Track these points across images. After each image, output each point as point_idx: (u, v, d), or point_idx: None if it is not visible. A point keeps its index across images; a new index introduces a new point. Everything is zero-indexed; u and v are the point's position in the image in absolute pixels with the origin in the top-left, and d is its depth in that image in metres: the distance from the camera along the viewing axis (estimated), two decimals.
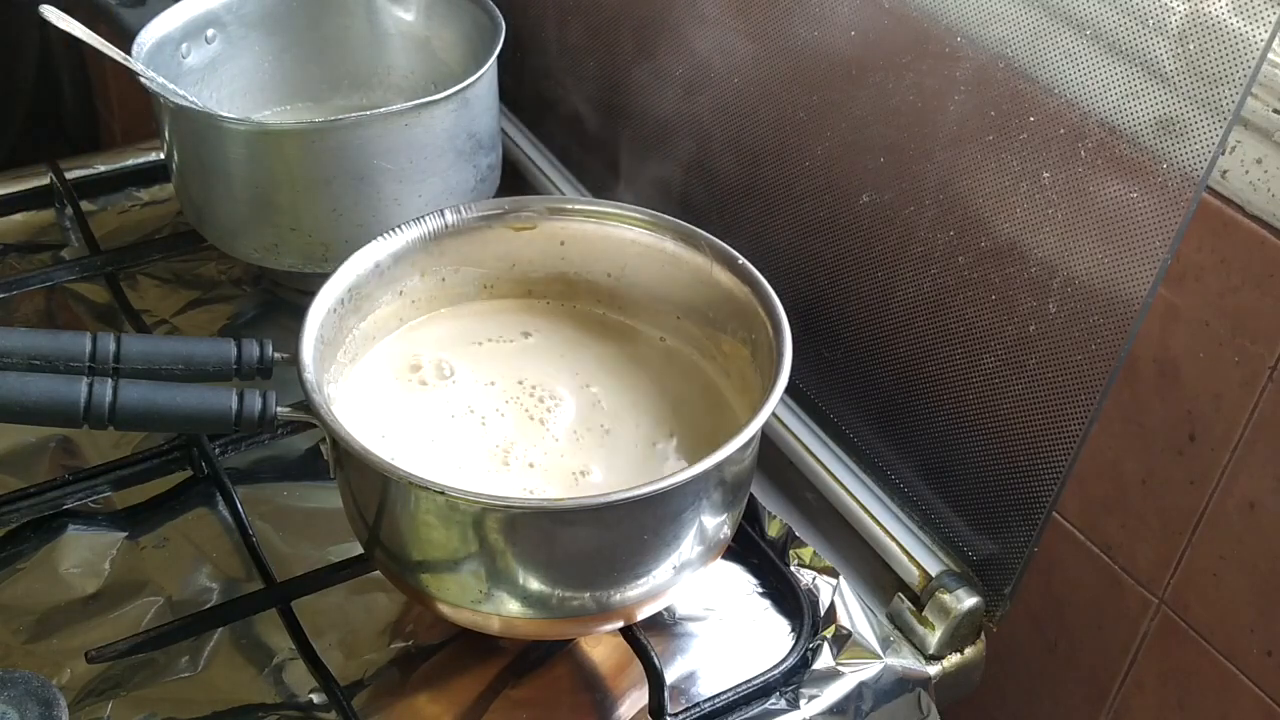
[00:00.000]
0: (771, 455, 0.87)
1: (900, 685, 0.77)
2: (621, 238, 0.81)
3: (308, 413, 0.68)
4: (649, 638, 0.73)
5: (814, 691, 0.74)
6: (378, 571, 0.73)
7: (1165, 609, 0.89)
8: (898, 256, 0.80)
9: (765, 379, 0.72)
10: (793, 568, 0.80)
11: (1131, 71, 0.65)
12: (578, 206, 0.82)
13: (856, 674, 0.75)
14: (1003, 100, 0.71)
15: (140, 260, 1.02)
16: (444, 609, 0.69)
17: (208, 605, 0.77)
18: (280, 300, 1.01)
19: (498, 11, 0.97)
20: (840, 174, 0.83)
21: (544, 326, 0.84)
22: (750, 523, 0.83)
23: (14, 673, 0.70)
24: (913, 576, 0.79)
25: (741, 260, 0.77)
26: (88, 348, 0.69)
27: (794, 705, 0.74)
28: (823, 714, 0.74)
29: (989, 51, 0.72)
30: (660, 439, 0.76)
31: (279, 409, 0.69)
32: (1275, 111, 0.75)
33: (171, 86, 0.92)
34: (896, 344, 0.81)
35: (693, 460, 0.65)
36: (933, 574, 0.78)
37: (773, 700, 0.74)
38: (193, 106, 0.91)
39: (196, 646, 0.75)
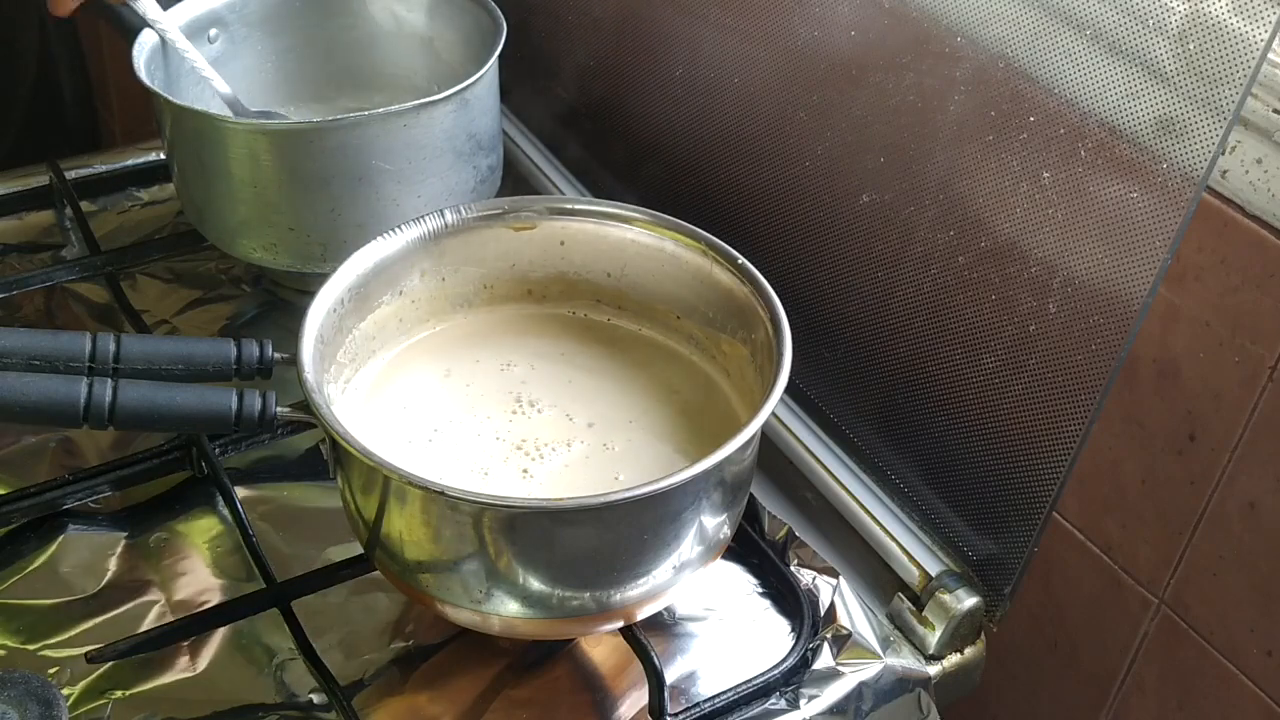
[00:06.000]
0: (771, 455, 0.87)
1: (900, 685, 0.77)
2: (621, 238, 0.81)
3: (308, 413, 0.68)
4: (649, 638, 0.73)
5: (814, 691, 0.74)
6: (378, 571, 0.73)
7: (1165, 609, 0.89)
8: (898, 256, 0.80)
9: (765, 379, 0.72)
10: (793, 568, 0.80)
11: (1131, 71, 0.65)
12: (578, 206, 0.82)
13: (856, 674, 0.75)
14: (1003, 100, 0.71)
15: (140, 260, 1.02)
16: (444, 609, 0.69)
17: (208, 605, 0.77)
18: (280, 300, 1.01)
19: (499, 12, 0.97)
20: (840, 174, 0.83)
21: (542, 328, 0.84)
22: (750, 523, 0.83)
23: (14, 673, 0.70)
24: (913, 576, 0.79)
25: (741, 260, 0.77)
26: (88, 348, 0.69)
27: (794, 705, 0.74)
28: (823, 714, 0.74)
29: (989, 51, 0.72)
30: (660, 439, 0.76)
31: (279, 409, 0.69)
32: (1275, 111, 0.75)
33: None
34: (896, 344, 0.81)
35: (693, 460, 0.65)
36: (933, 574, 0.78)
37: (773, 700, 0.74)
38: (192, 106, 0.91)
39: (196, 646, 0.75)
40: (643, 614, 0.71)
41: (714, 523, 0.69)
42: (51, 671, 0.73)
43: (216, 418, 0.68)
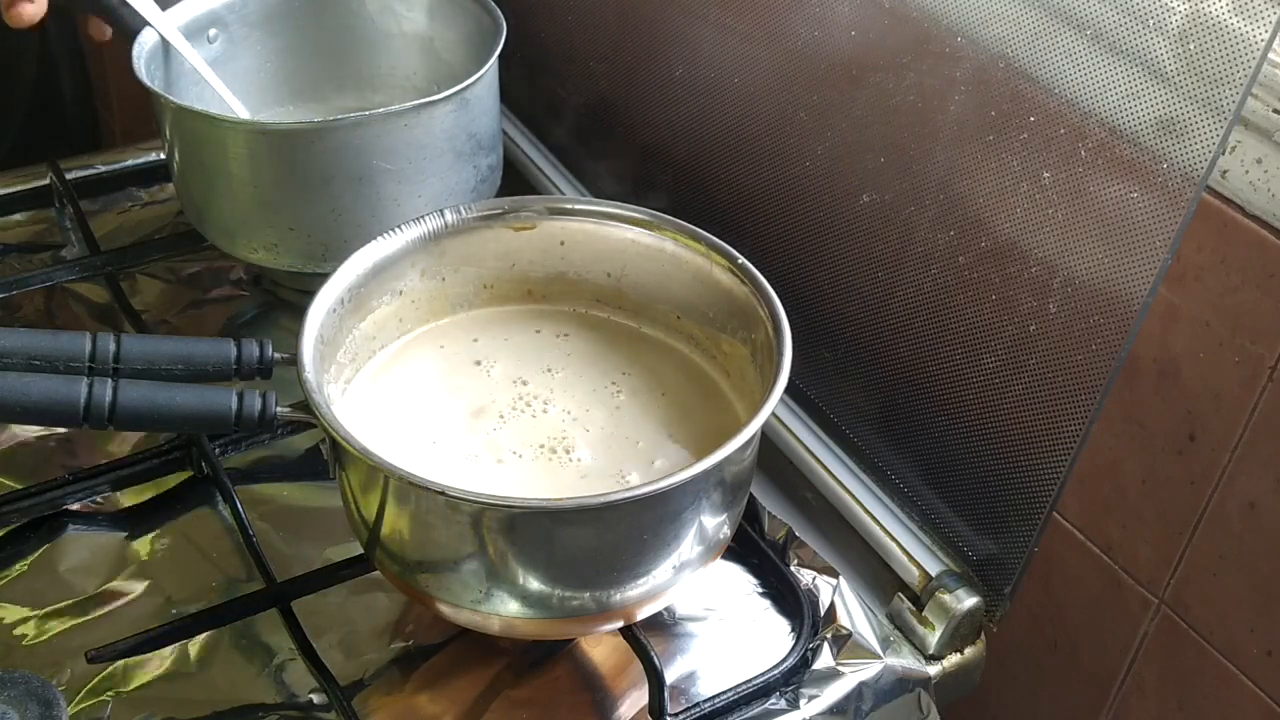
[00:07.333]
0: (771, 455, 0.87)
1: (900, 685, 0.77)
2: (621, 238, 0.81)
3: (308, 413, 0.68)
4: (649, 638, 0.73)
5: (814, 691, 0.74)
6: (378, 571, 0.73)
7: (1165, 609, 0.89)
8: (898, 256, 0.80)
9: (765, 379, 0.72)
10: (793, 568, 0.80)
11: (1131, 71, 0.65)
12: (578, 206, 0.82)
13: (856, 674, 0.75)
14: (1003, 100, 0.71)
15: (140, 260, 1.02)
16: (444, 609, 0.69)
17: (208, 605, 0.77)
18: (280, 300, 1.01)
19: (499, 12, 0.97)
20: (840, 174, 0.83)
21: (543, 328, 0.84)
22: (750, 523, 0.83)
23: (14, 673, 0.70)
24: (913, 576, 0.79)
25: (741, 260, 0.77)
26: (88, 348, 0.69)
27: (794, 705, 0.74)
28: (823, 714, 0.74)
29: (989, 51, 0.72)
30: (660, 439, 0.76)
31: (279, 409, 0.69)
32: (1275, 111, 0.75)
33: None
34: (896, 344, 0.81)
35: (692, 460, 0.65)
36: (933, 574, 0.78)
37: (773, 700, 0.74)
38: (192, 106, 0.91)
39: (196, 646, 0.75)
40: (643, 614, 0.71)
41: (714, 523, 0.69)
42: (51, 671, 0.73)
43: (216, 418, 0.68)
